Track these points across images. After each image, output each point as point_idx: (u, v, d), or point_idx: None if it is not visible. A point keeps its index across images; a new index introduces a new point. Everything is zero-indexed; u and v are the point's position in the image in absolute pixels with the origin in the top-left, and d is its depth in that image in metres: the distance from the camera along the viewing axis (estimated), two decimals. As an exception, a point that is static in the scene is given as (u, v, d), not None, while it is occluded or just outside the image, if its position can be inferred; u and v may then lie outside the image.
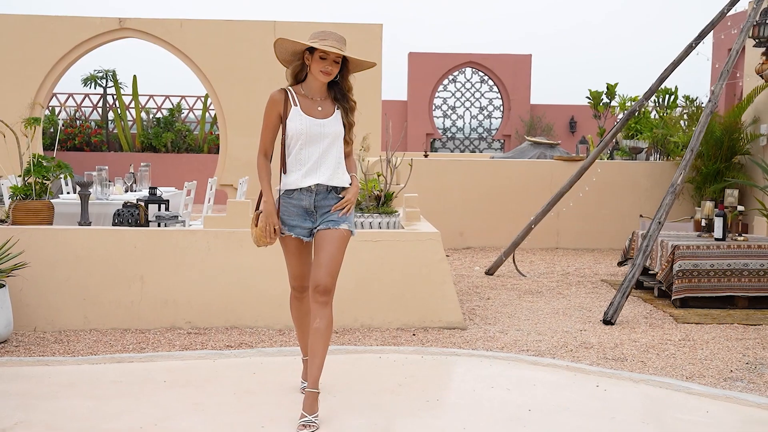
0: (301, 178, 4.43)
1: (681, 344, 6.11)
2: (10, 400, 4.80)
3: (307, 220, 4.50)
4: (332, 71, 4.38)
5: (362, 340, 6.17)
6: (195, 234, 6.58)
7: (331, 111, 4.48)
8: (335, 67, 4.38)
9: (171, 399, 4.84)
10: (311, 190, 4.45)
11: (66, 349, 5.84)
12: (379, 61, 12.49)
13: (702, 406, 4.70)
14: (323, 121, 4.43)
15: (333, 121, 4.46)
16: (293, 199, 4.48)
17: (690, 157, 7.42)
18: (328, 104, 4.49)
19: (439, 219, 11.03)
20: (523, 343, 6.11)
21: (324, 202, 4.48)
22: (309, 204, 4.47)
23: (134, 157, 16.59)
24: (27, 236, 6.32)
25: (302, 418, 4.29)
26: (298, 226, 4.50)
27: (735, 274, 7.39)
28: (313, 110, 4.44)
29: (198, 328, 6.43)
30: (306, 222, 4.50)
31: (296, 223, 4.49)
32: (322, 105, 4.47)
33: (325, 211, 4.48)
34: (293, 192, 4.47)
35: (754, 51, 10.45)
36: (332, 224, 4.46)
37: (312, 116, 4.42)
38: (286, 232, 4.51)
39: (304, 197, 4.47)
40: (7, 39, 12.52)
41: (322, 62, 4.34)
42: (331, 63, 4.35)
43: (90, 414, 4.55)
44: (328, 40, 4.34)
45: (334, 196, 4.50)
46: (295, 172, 4.45)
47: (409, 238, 6.63)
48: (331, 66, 4.36)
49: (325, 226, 4.46)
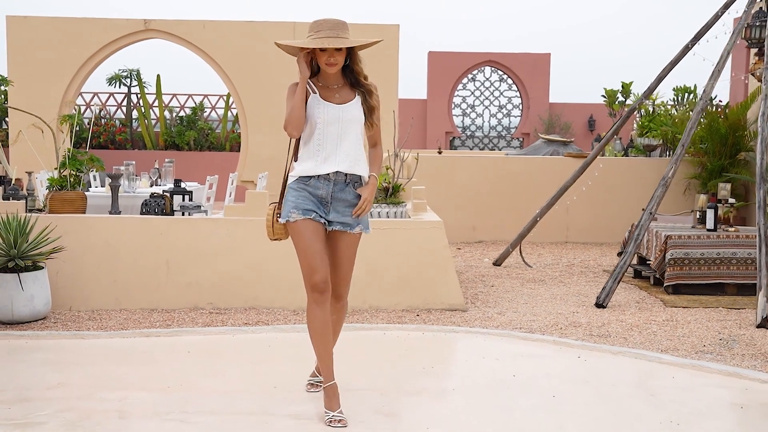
0: (320, 164, 4.37)
1: (664, 324, 6.72)
2: (52, 366, 5.52)
3: (320, 209, 4.41)
4: (337, 61, 4.35)
5: (369, 319, 6.83)
6: (216, 222, 7.28)
7: (350, 97, 4.46)
8: (338, 56, 4.35)
9: (193, 366, 5.54)
10: (329, 178, 4.39)
11: (99, 326, 6.55)
12: (395, 62, 13.09)
13: (669, 373, 5.33)
14: (342, 107, 4.41)
15: (352, 107, 4.42)
16: (309, 186, 4.40)
17: (681, 152, 8.02)
18: (347, 91, 4.47)
19: (453, 213, 11.72)
20: (518, 323, 6.75)
21: (341, 194, 4.43)
22: (326, 194, 4.40)
23: (157, 154, 17.33)
24: (63, 224, 7.04)
25: (328, 414, 4.33)
26: (313, 210, 4.38)
27: (724, 263, 7.99)
28: (332, 97, 4.42)
29: (219, 308, 7.12)
30: (319, 210, 4.40)
31: (311, 208, 4.38)
32: (340, 92, 4.45)
33: (340, 205, 4.43)
34: (309, 179, 4.40)
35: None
36: (348, 227, 4.45)
37: (331, 102, 4.41)
38: (300, 216, 4.36)
39: (321, 186, 4.40)
40: (39, 40, 13.27)
41: (323, 55, 4.33)
42: (332, 54, 4.32)
43: (122, 377, 5.26)
44: (322, 31, 4.31)
45: (351, 191, 4.44)
46: (312, 159, 4.39)
47: (414, 227, 7.29)
48: (332, 56, 4.33)
49: (341, 228, 4.44)
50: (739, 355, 5.77)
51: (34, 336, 6.19)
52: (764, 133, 7.59)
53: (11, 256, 6.45)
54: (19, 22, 12.96)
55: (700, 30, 8.86)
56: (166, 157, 15.80)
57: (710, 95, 8.26)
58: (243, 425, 4.34)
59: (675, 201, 11.95)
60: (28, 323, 6.53)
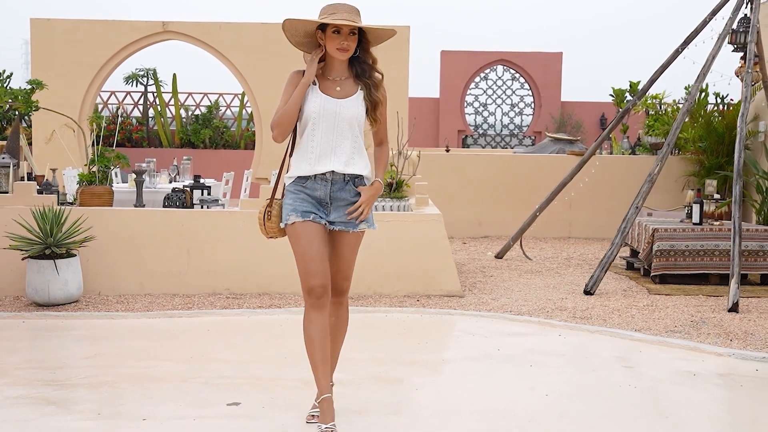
0: (314, 163, 4.22)
1: (644, 308, 7.50)
2: (86, 341, 6.38)
3: (321, 210, 4.27)
4: (349, 46, 4.19)
5: (373, 303, 7.63)
6: (233, 215, 8.11)
7: (352, 91, 4.28)
8: (351, 41, 4.19)
9: (212, 341, 6.38)
10: (326, 178, 4.24)
11: (126, 308, 7.37)
12: (406, 63, 13.86)
13: (637, 347, 6.13)
14: (340, 101, 4.23)
15: (352, 102, 4.25)
16: (306, 188, 4.26)
17: (666, 151, 8.78)
18: (349, 84, 4.29)
19: (459, 209, 12.55)
20: (509, 307, 7.53)
21: (340, 194, 4.28)
22: (324, 194, 4.26)
23: (174, 152, 18.15)
24: (93, 216, 7.87)
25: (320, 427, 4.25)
26: (312, 212, 4.24)
27: (707, 254, 8.74)
28: (332, 90, 4.26)
29: (235, 293, 7.94)
30: (319, 211, 4.27)
31: (310, 209, 4.24)
32: (342, 85, 4.28)
33: (340, 204, 4.29)
34: (307, 180, 4.26)
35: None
36: (348, 226, 4.30)
37: (329, 95, 4.24)
38: (299, 218, 4.21)
39: (319, 186, 4.26)
40: (61, 41, 14.14)
41: (337, 38, 4.16)
42: (345, 37, 4.16)
43: (148, 349, 6.10)
44: (338, 13, 4.14)
45: (351, 189, 4.29)
46: (307, 157, 4.24)
47: (415, 219, 8.09)
48: (346, 40, 4.17)
49: (342, 227, 4.29)
50: (705, 333, 6.54)
51: (68, 316, 7.03)
52: (743, 133, 8.35)
53: (48, 244, 7.29)
54: (43, 25, 13.84)
55: (690, 35, 9.60)
56: (182, 155, 16.63)
57: (695, 97, 9.03)
58: (258, 387, 5.15)
59: (675, 197, 12.71)
60: (63, 305, 7.37)
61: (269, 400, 4.87)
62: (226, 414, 4.65)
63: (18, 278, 7.66)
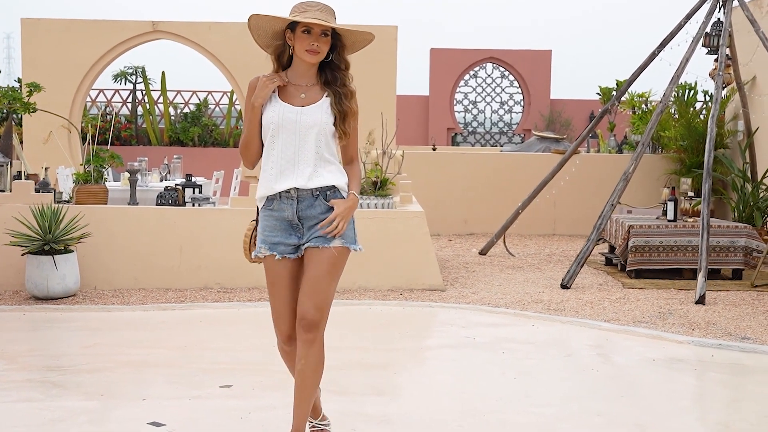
0: (275, 181, 3.88)
1: (615, 301, 8.06)
2: (85, 332, 6.91)
3: (293, 235, 3.94)
4: (320, 48, 3.80)
5: (357, 297, 8.18)
6: (223, 212, 8.66)
7: (317, 98, 3.89)
8: (323, 43, 3.80)
9: (205, 331, 6.92)
10: (291, 196, 3.88)
11: (121, 301, 7.90)
12: (394, 63, 14.39)
13: (604, 336, 6.70)
14: (302, 109, 3.85)
15: (315, 110, 3.86)
16: (274, 210, 3.93)
17: (641, 150, 9.35)
18: (315, 91, 3.91)
19: (445, 207, 13.13)
20: (487, 300, 8.09)
21: (310, 211, 3.90)
22: (291, 214, 3.90)
23: (162, 150, 18.65)
24: (89, 213, 8.40)
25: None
26: (281, 243, 3.92)
27: (681, 250, 9.31)
28: (294, 97, 3.89)
29: (226, 288, 8.48)
30: (291, 237, 3.93)
31: (279, 240, 3.92)
32: (308, 92, 3.90)
33: (313, 223, 3.90)
34: (273, 201, 3.92)
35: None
36: (321, 241, 3.87)
37: (290, 103, 3.87)
38: (268, 252, 3.93)
39: (286, 206, 3.90)
40: (51, 42, 14.62)
41: (307, 38, 3.77)
42: (316, 38, 3.78)
43: (144, 339, 6.64)
44: (309, 12, 3.77)
45: (322, 204, 3.90)
46: (268, 175, 3.90)
47: (398, 216, 8.64)
48: (317, 41, 3.78)
49: (313, 243, 3.88)
50: (669, 323, 7.11)
51: (67, 309, 7.57)
52: (712, 133, 8.93)
53: (46, 240, 7.82)
54: (33, 24, 14.32)
55: (666, 37, 10.17)
56: (171, 153, 17.12)
57: (669, 98, 9.59)
58: (250, 372, 5.70)
59: (657, 195, 13.28)
60: (61, 299, 7.90)
61: (259, 383, 5.42)
62: (219, 395, 5.19)
63: (18, 273, 8.20)
